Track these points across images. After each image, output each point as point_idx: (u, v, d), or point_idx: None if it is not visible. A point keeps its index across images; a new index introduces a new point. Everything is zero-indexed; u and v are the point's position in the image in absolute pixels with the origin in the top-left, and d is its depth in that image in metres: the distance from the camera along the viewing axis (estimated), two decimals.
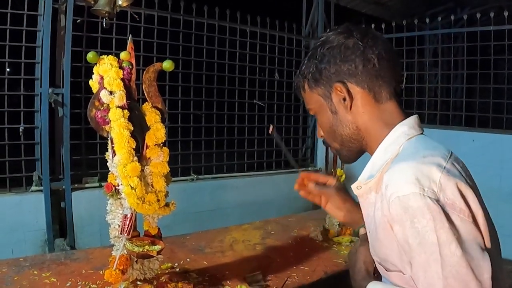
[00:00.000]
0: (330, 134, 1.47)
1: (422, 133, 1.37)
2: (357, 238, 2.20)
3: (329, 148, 3.40)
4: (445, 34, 7.45)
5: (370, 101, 1.37)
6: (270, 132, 1.89)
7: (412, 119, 1.37)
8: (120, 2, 3.64)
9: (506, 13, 5.53)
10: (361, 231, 1.64)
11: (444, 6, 8.75)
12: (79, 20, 4.86)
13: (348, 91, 1.36)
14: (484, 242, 1.14)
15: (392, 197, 1.15)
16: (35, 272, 2.50)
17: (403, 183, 1.14)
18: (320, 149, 7.31)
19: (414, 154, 1.23)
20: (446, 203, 1.12)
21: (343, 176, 3.50)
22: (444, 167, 1.17)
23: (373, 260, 1.46)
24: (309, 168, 7.40)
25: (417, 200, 1.11)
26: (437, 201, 1.11)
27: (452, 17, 6.51)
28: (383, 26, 6.71)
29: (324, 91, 1.42)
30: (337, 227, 3.39)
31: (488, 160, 5.10)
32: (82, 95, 5.05)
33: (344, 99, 1.37)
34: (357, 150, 1.48)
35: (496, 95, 5.88)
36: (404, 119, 1.37)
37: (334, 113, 1.42)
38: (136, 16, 4.89)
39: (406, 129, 1.34)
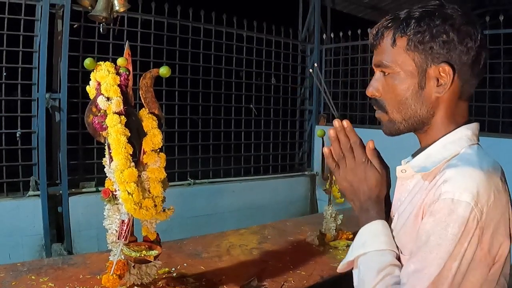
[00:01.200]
0: (400, 104, 1.34)
1: (479, 143, 1.33)
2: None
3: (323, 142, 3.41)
4: None
5: (457, 95, 1.30)
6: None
7: (476, 126, 1.34)
8: (117, 8, 3.66)
9: (501, 17, 5.55)
10: (370, 144, 1.45)
11: None
12: (76, 25, 4.87)
13: (453, 77, 1.26)
14: (493, 267, 1.16)
15: (446, 195, 1.13)
16: (33, 277, 2.50)
17: (464, 189, 1.12)
18: (317, 154, 7.32)
19: (481, 164, 1.19)
20: (481, 227, 1.12)
21: None
22: (499, 190, 1.16)
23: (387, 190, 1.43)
24: (306, 173, 7.41)
25: (466, 212, 1.10)
26: (478, 222, 1.11)
27: None
28: None
29: (422, 61, 1.28)
30: (334, 231, 3.40)
31: None
32: (79, 100, 5.06)
33: (438, 81, 1.28)
34: (413, 130, 1.38)
35: (492, 99, 5.89)
36: (467, 122, 1.34)
37: (420, 88, 1.30)
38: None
39: (470, 134, 1.31)
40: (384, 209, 1.40)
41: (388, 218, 1.40)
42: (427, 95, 1.30)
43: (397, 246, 1.33)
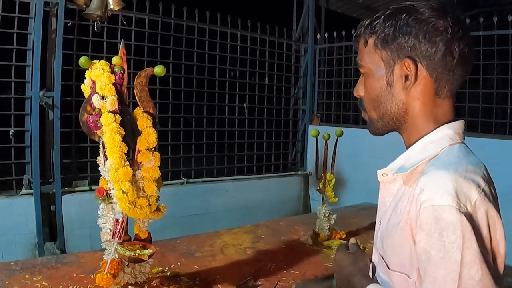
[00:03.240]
0: (374, 102, 1.37)
1: (463, 142, 1.31)
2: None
3: (319, 152, 3.41)
4: None
5: (431, 91, 1.28)
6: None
7: (459, 124, 1.31)
8: (111, 6, 3.67)
9: (495, 19, 5.57)
10: (352, 240, 1.57)
11: None
12: (70, 23, 4.87)
13: (416, 72, 1.26)
14: (497, 270, 1.14)
15: (425, 204, 1.11)
16: (26, 276, 2.49)
17: (441, 192, 1.10)
18: (310, 153, 7.33)
19: (457, 164, 1.18)
20: (475, 225, 1.09)
21: (333, 180, 3.50)
22: (482, 189, 1.14)
23: (370, 261, 1.44)
24: (299, 172, 7.42)
25: (452, 214, 1.07)
26: (470, 220, 1.08)
27: None
28: None
29: (389, 58, 1.30)
30: (327, 231, 3.40)
31: None
32: (73, 98, 5.06)
33: (407, 77, 1.27)
34: (392, 129, 1.39)
35: (485, 99, 5.92)
36: (452, 121, 1.31)
37: (389, 85, 1.32)
38: (125, 23, 4.92)
39: (451, 133, 1.28)
40: (368, 276, 1.42)
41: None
42: (397, 93, 1.31)
43: (382, 256, 1.34)
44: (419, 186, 1.16)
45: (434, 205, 1.09)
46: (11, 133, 4.70)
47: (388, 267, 1.31)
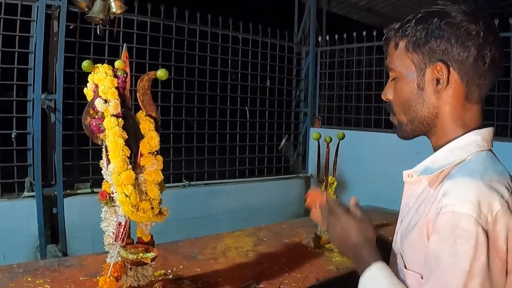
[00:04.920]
0: (404, 106, 1.37)
1: (491, 149, 1.32)
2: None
3: (320, 155, 3.41)
4: None
5: (461, 96, 1.28)
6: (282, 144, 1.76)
7: (488, 131, 1.32)
8: (114, 10, 3.68)
9: (496, 21, 5.57)
10: (352, 201, 1.51)
11: None
12: (72, 26, 4.87)
13: (448, 76, 1.26)
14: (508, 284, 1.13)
15: (446, 208, 1.11)
16: (29, 278, 2.49)
17: (463, 200, 1.10)
18: (312, 156, 7.33)
19: (483, 173, 1.17)
20: (492, 238, 1.09)
21: (335, 183, 3.50)
22: (506, 200, 1.13)
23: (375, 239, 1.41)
24: (300, 175, 7.42)
25: (470, 224, 1.07)
26: (487, 232, 1.08)
27: None
28: (374, 33, 6.73)
29: (420, 62, 1.30)
30: None
31: None
32: (75, 101, 5.05)
33: (438, 81, 1.28)
34: (421, 133, 1.38)
35: (486, 102, 5.89)
36: (480, 127, 1.31)
37: (420, 89, 1.32)
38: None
39: (479, 139, 1.29)
40: (376, 249, 1.38)
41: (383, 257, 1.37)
42: (428, 96, 1.31)
43: (402, 255, 1.34)
44: (442, 189, 1.17)
45: (455, 211, 1.10)
46: (13, 136, 4.70)
47: (406, 267, 1.30)
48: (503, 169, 1.25)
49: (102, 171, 2.17)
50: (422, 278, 1.21)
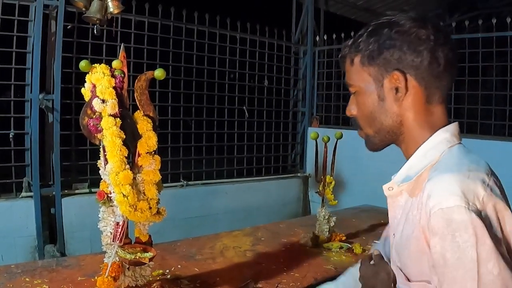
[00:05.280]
0: (368, 118, 1.39)
1: (461, 142, 1.33)
2: (347, 245, 2.17)
3: (318, 155, 3.41)
4: None
5: (422, 100, 1.31)
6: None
7: (454, 126, 1.34)
8: (111, 10, 3.67)
9: (494, 21, 5.58)
10: (375, 252, 1.58)
11: (433, 12, 8.81)
12: (69, 26, 4.87)
13: (406, 83, 1.29)
14: None
15: (434, 209, 1.12)
16: (27, 279, 2.49)
17: (447, 195, 1.11)
18: (310, 156, 7.34)
19: (459, 165, 1.20)
20: (486, 221, 1.09)
21: (333, 183, 3.51)
22: (488, 184, 1.15)
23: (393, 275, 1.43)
24: (298, 174, 7.43)
25: (462, 214, 1.08)
26: (480, 216, 1.09)
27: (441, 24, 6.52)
28: None
29: (377, 73, 1.33)
30: (327, 233, 3.41)
31: None
32: (73, 101, 5.05)
33: (397, 90, 1.30)
34: (389, 142, 1.41)
35: (484, 101, 5.93)
36: (446, 125, 1.33)
37: (381, 100, 1.34)
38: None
39: (448, 136, 1.30)
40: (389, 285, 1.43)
41: None
42: (389, 106, 1.34)
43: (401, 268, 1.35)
44: (426, 193, 1.17)
45: (443, 208, 1.10)
46: (11, 136, 4.70)
47: (409, 279, 1.31)
48: (477, 158, 1.27)
49: (100, 171, 2.17)
50: (429, 283, 1.21)
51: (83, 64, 2.13)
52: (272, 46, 7.16)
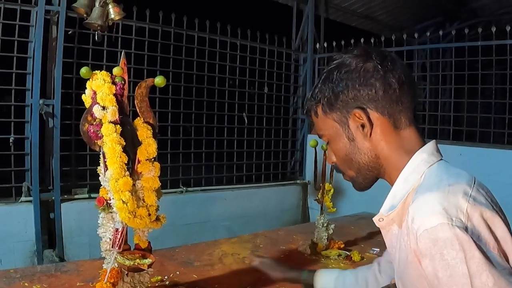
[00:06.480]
0: (346, 161, 1.41)
1: (441, 159, 1.33)
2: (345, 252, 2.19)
3: (317, 162, 3.42)
4: (434, 48, 7.50)
5: (390, 128, 1.32)
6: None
7: (431, 145, 1.34)
8: (112, 16, 3.68)
9: (493, 29, 5.60)
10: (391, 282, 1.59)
11: (433, 20, 8.83)
12: (70, 32, 4.89)
13: (368, 118, 1.31)
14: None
15: (419, 230, 1.12)
16: (26, 284, 2.49)
17: (429, 214, 1.11)
18: (309, 163, 7.34)
19: (439, 183, 1.19)
20: (473, 233, 1.09)
21: (332, 190, 3.51)
22: (470, 195, 1.15)
23: None
24: (298, 181, 7.43)
25: (446, 231, 1.08)
26: (466, 230, 1.08)
27: (441, 32, 6.54)
28: (372, 40, 6.75)
29: (340, 117, 1.35)
30: (326, 240, 3.41)
31: (475, 173, 5.07)
32: (73, 106, 5.06)
33: (363, 126, 1.32)
34: (373, 178, 1.42)
35: (483, 109, 5.95)
36: (423, 146, 1.33)
37: (351, 140, 1.36)
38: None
39: (425, 156, 1.30)
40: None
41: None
42: (361, 144, 1.35)
43: None
44: (410, 216, 1.17)
45: (427, 228, 1.10)
46: (11, 141, 4.71)
47: None
48: (458, 171, 1.28)
49: (100, 177, 2.18)
50: None
51: (83, 70, 2.14)
52: (272, 53, 7.18)
